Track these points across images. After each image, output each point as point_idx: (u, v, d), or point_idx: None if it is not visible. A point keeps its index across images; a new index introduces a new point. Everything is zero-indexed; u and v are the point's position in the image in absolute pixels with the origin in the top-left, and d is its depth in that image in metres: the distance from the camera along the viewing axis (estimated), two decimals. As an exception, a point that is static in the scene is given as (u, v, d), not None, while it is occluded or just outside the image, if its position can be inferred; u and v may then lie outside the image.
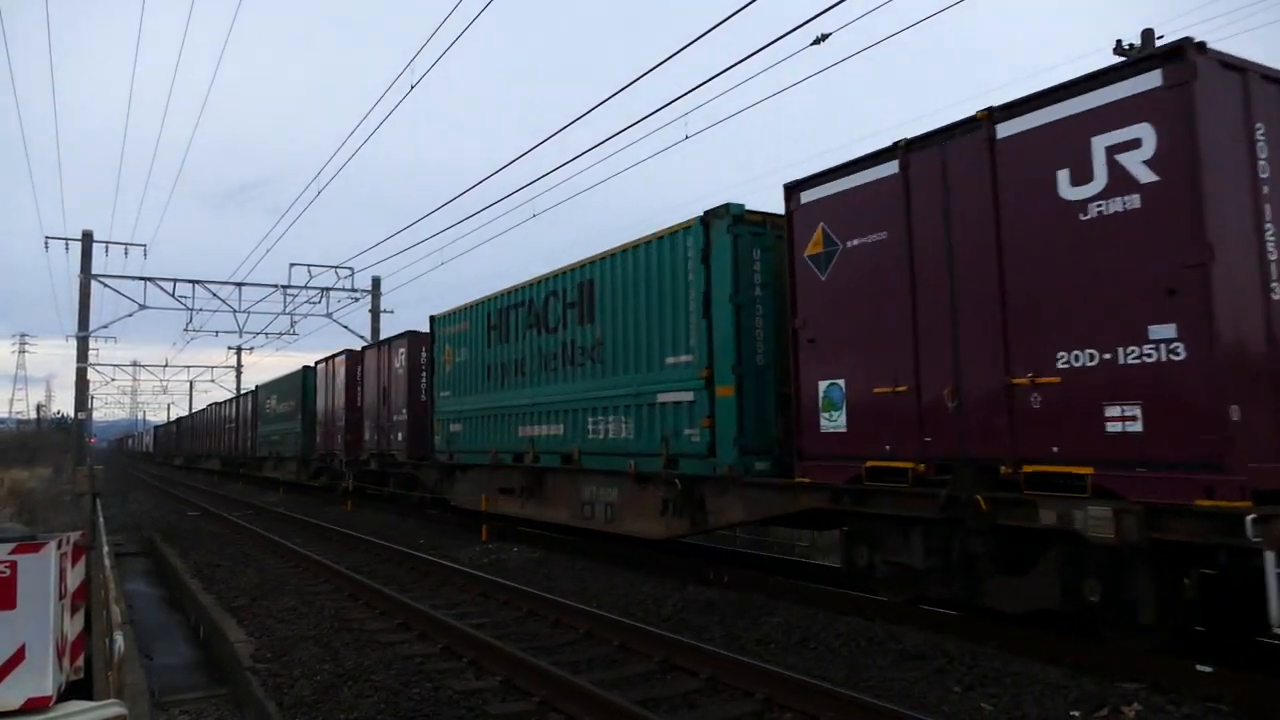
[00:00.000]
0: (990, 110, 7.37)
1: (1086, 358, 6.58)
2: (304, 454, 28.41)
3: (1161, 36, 18.27)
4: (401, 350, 20.46)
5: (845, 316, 8.67)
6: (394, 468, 20.98)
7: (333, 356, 25.67)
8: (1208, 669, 6.17)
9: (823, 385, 8.83)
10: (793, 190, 9.30)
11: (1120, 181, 6.41)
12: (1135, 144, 6.33)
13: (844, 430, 8.61)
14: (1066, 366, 6.70)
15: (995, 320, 7.24)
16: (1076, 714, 5.83)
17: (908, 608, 8.56)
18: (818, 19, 9.15)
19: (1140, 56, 7.15)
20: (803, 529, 12.67)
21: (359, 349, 24.68)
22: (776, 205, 9.66)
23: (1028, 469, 6.89)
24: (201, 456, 51.84)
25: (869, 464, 8.22)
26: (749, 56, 9.89)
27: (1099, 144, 6.53)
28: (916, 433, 7.86)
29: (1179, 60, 6.13)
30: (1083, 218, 6.61)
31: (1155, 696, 6.01)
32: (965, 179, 7.53)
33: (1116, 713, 5.79)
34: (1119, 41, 18.14)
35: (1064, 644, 7.15)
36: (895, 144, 8.15)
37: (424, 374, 19.40)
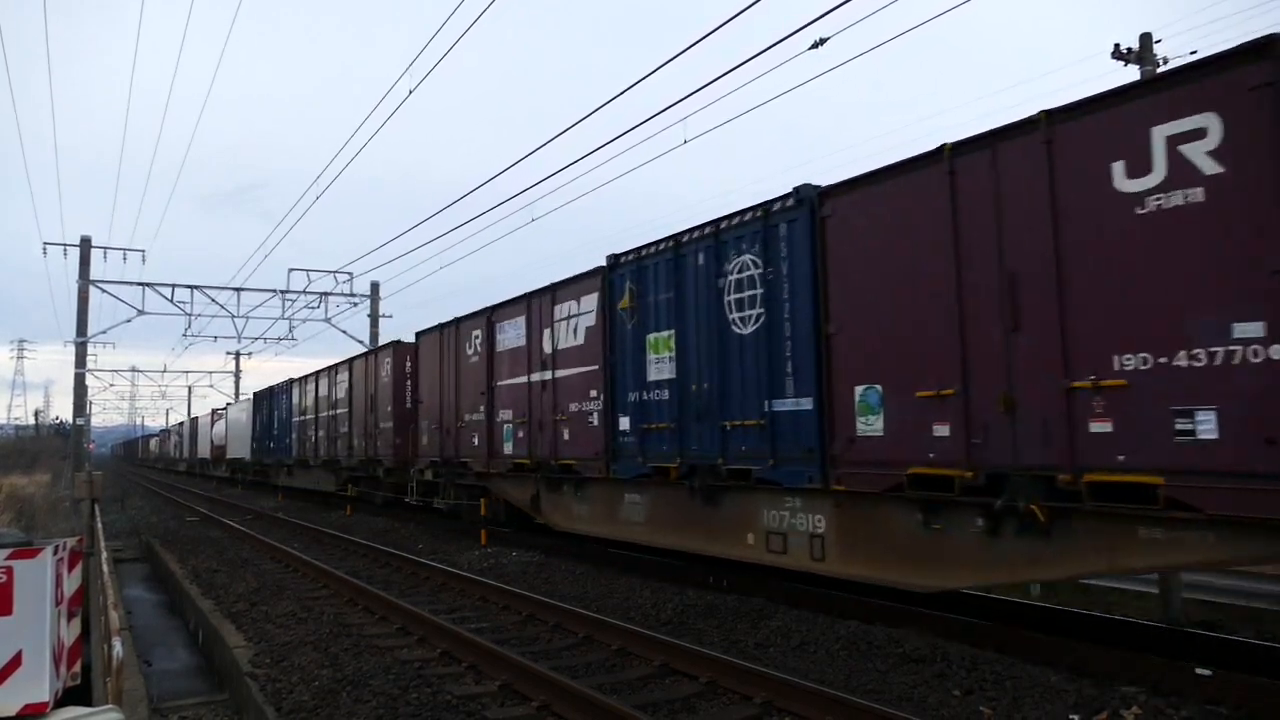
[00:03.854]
0: None
1: None
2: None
3: (1160, 40, 18.30)
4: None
5: None
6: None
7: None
8: (1207, 672, 6.17)
9: None
10: None
11: None
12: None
13: None
14: None
15: None
16: (1076, 717, 5.82)
17: (908, 610, 8.54)
18: (816, 23, 9.15)
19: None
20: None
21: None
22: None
23: None
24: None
25: None
26: (747, 61, 9.90)
27: None
28: None
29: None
30: None
31: (1155, 699, 6.00)
32: None
33: (1116, 716, 5.78)
34: (1116, 45, 18.18)
35: (1064, 647, 7.14)
36: None
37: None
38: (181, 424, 66.03)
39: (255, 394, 36.03)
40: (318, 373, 27.46)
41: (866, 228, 8.16)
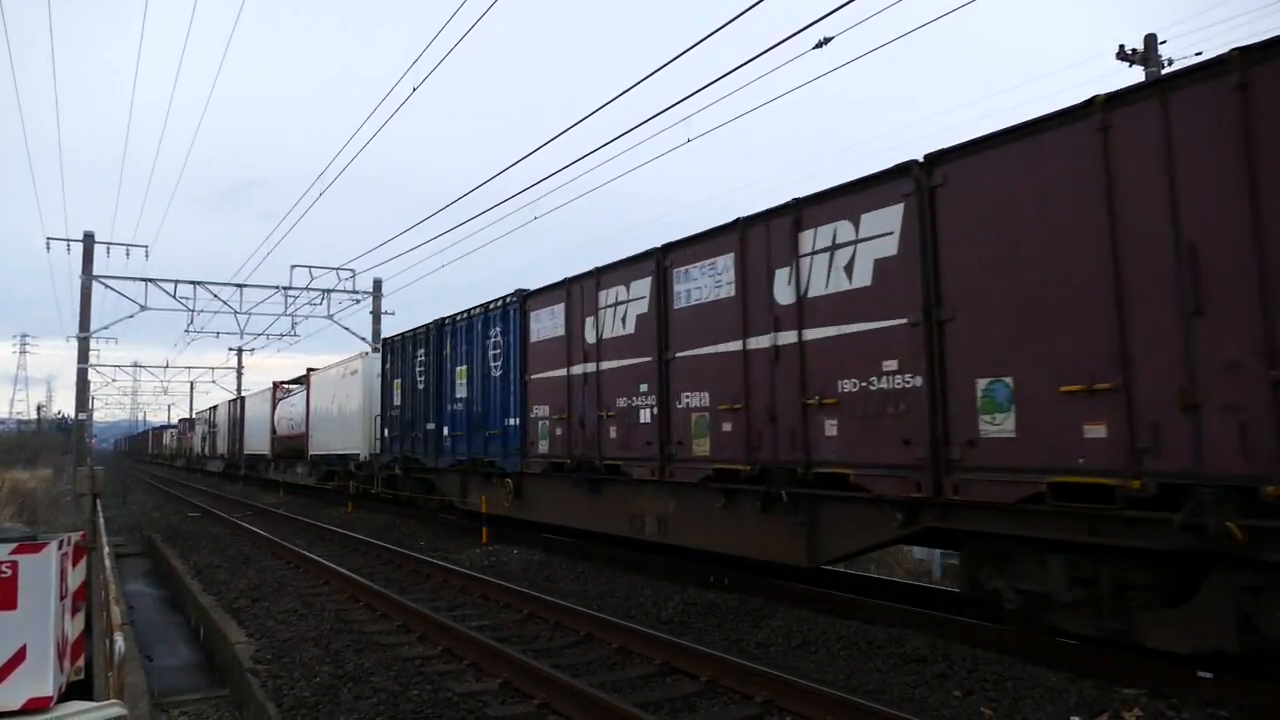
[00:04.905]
0: None
1: None
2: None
3: (1164, 41, 18.26)
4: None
5: None
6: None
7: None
8: (1208, 675, 6.16)
9: None
10: None
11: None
12: None
13: None
14: None
15: None
16: (1077, 719, 5.82)
17: (908, 610, 8.54)
18: (820, 22, 9.16)
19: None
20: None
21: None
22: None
23: None
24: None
25: None
26: (750, 60, 9.89)
27: None
28: None
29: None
30: None
31: (1156, 702, 6.00)
32: None
33: (1117, 718, 5.78)
34: (1121, 46, 18.15)
35: (1065, 648, 7.14)
36: None
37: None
38: (214, 409, 46.89)
39: (388, 341, 20.95)
40: (626, 265, 11.66)
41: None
